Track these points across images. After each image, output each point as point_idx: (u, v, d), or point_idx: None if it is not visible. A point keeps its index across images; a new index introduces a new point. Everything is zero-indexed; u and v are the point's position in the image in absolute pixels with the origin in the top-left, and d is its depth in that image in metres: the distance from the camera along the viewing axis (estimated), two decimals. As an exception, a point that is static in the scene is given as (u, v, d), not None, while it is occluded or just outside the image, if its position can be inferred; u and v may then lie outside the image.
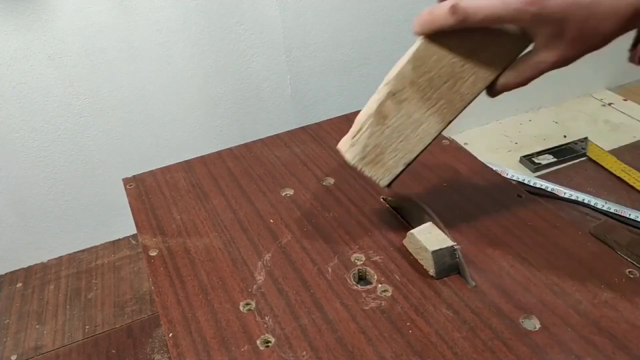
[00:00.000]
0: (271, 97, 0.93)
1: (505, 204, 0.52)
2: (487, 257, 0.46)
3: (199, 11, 0.81)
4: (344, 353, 0.39)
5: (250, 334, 0.41)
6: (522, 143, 1.09)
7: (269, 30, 0.87)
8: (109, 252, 0.91)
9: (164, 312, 0.43)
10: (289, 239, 0.50)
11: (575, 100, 1.23)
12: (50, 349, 0.74)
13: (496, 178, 0.56)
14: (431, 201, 0.53)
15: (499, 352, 0.37)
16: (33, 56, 0.75)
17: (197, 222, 0.53)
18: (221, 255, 0.49)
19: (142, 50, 0.80)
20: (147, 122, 0.86)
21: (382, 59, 0.99)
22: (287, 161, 0.62)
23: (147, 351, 0.72)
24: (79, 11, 0.74)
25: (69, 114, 0.80)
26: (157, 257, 0.49)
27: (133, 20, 0.78)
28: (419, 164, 0.58)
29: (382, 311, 0.42)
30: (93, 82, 0.80)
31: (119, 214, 0.91)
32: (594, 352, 0.37)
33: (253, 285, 0.45)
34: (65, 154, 0.83)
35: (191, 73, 0.86)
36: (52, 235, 0.89)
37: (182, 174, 0.61)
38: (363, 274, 0.46)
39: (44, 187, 0.84)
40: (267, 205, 0.54)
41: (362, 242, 0.48)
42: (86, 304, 0.81)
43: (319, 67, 0.94)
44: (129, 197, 0.58)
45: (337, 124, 0.68)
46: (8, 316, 0.80)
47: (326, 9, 0.90)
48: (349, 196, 0.55)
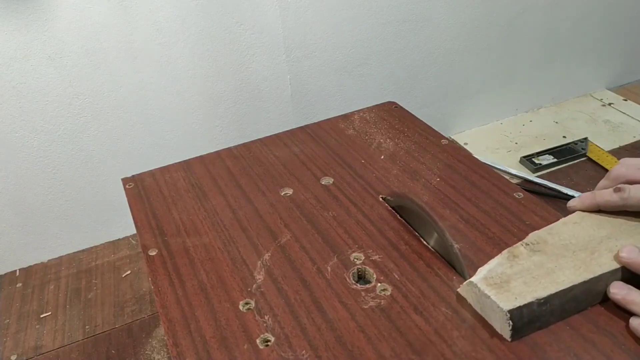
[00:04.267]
0: (271, 97, 0.94)
1: (505, 204, 0.52)
2: (487, 257, 0.46)
3: (199, 11, 0.81)
4: (344, 352, 0.39)
5: (249, 333, 0.41)
6: (522, 143, 1.09)
7: (269, 30, 0.87)
8: (108, 252, 0.91)
9: (163, 312, 0.43)
10: (288, 238, 0.50)
11: (575, 100, 1.23)
12: (50, 349, 0.74)
13: (496, 178, 0.56)
14: (431, 201, 0.53)
15: (498, 351, 0.37)
16: (33, 56, 0.75)
17: (196, 222, 0.53)
18: (220, 254, 0.49)
19: (142, 50, 0.81)
20: (146, 122, 0.86)
21: (382, 59, 0.99)
22: (286, 161, 0.62)
23: (147, 351, 0.72)
24: (79, 11, 0.74)
25: (69, 114, 0.80)
26: (156, 257, 0.49)
27: (133, 20, 0.78)
28: (418, 164, 0.58)
29: (381, 310, 0.42)
30: (93, 82, 0.80)
31: (119, 214, 0.91)
32: (593, 351, 0.37)
33: (252, 285, 0.45)
34: (65, 154, 0.83)
35: (191, 73, 0.86)
36: (52, 235, 0.89)
37: (181, 174, 0.61)
38: (362, 273, 0.46)
39: (44, 187, 0.84)
40: (267, 204, 0.54)
41: (361, 242, 0.49)
42: (86, 304, 0.81)
43: (319, 67, 0.94)
44: (128, 197, 0.58)
45: (337, 124, 0.68)
46: (8, 316, 0.80)
47: (326, 9, 0.90)
48: (348, 196, 0.55)
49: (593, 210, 0.45)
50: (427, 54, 1.03)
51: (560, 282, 0.39)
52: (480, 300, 0.40)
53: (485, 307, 0.39)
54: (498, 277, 0.40)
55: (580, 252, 0.42)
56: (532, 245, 0.43)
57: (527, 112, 1.20)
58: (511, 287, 0.39)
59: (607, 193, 0.44)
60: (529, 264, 0.41)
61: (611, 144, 1.05)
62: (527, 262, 0.41)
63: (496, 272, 0.40)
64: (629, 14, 1.17)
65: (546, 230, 0.44)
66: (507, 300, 0.38)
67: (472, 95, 1.12)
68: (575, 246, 0.42)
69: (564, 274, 0.40)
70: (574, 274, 0.40)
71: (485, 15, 1.04)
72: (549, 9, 1.09)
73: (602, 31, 1.17)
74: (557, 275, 0.40)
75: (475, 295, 0.40)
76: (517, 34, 1.09)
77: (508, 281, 0.39)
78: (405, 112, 0.70)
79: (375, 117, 0.69)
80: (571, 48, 1.16)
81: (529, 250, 0.42)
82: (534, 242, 0.43)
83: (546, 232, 0.44)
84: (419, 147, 0.62)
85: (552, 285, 0.39)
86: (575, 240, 0.43)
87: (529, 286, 0.39)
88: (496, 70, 1.11)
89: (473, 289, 0.40)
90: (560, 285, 0.39)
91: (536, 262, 0.41)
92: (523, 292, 0.38)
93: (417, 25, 0.99)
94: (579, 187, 0.93)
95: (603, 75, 1.24)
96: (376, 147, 0.63)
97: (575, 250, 0.42)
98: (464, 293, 0.42)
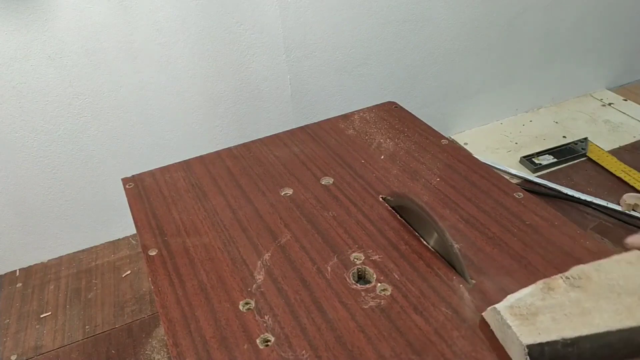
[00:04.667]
0: (271, 97, 0.94)
1: (505, 204, 0.52)
2: (487, 256, 0.46)
3: (199, 11, 0.81)
4: (344, 352, 0.39)
5: (249, 333, 0.41)
6: (522, 143, 1.09)
7: (269, 30, 0.87)
8: (108, 252, 0.91)
9: (163, 312, 0.43)
10: (288, 238, 0.50)
11: (575, 100, 1.23)
12: (50, 349, 0.74)
13: (496, 178, 0.56)
14: (431, 201, 0.53)
15: (498, 351, 0.37)
16: (33, 56, 0.75)
17: (196, 222, 0.53)
18: (220, 254, 0.49)
19: (142, 50, 0.81)
20: (146, 122, 0.86)
21: (382, 59, 0.99)
22: (286, 161, 0.62)
23: (147, 351, 0.72)
24: (79, 11, 0.74)
25: (69, 114, 0.80)
26: (156, 257, 0.49)
27: (133, 20, 0.78)
28: (418, 164, 0.58)
29: (381, 310, 0.42)
30: (93, 82, 0.80)
31: (119, 214, 0.91)
32: None
33: (252, 285, 0.45)
34: (65, 154, 0.83)
35: (191, 73, 0.86)
36: (52, 235, 0.89)
37: (181, 174, 0.61)
38: (362, 273, 0.46)
39: (44, 187, 0.84)
40: (267, 204, 0.54)
41: (361, 242, 0.48)
42: (86, 304, 0.81)
43: (319, 67, 0.94)
44: (128, 197, 0.58)
45: (337, 124, 0.68)
46: (8, 316, 0.80)
47: (326, 9, 0.90)
48: (348, 196, 0.55)
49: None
50: (427, 54, 1.03)
51: (594, 324, 0.35)
52: (502, 329, 0.37)
53: (506, 337, 0.37)
54: (526, 308, 0.37)
55: (627, 297, 0.37)
56: (573, 279, 0.39)
57: (527, 112, 1.20)
58: (537, 320, 0.36)
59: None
60: (564, 299, 0.37)
61: (611, 144, 1.05)
62: (562, 297, 0.37)
63: (525, 303, 0.37)
64: (629, 14, 1.17)
65: (594, 265, 0.40)
66: (529, 334, 0.35)
67: (472, 95, 1.12)
68: (622, 288, 0.38)
69: (602, 316, 0.36)
70: (613, 318, 0.35)
71: (485, 15, 1.04)
72: (549, 9, 1.09)
73: (602, 31, 1.17)
74: (593, 316, 0.36)
75: (497, 323, 0.38)
76: (517, 34, 1.09)
77: (536, 314, 0.36)
78: (405, 112, 0.70)
79: (375, 117, 0.69)
80: (571, 48, 1.16)
81: (568, 284, 0.38)
82: (576, 277, 0.39)
83: (593, 267, 0.39)
84: (419, 147, 0.62)
85: (584, 327, 0.35)
86: (624, 282, 0.38)
87: (558, 323, 0.36)
88: (496, 70, 1.11)
89: (496, 316, 0.38)
90: (594, 328, 0.35)
91: (573, 298, 0.37)
92: (549, 329, 0.35)
93: (417, 25, 0.99)
94: (579, 187, 0.93)
95: (603, 75, 1.24)
96: (376, 147, 0.63)
97: (621, 293, 0.37)
98: (488, 318, 0.39)
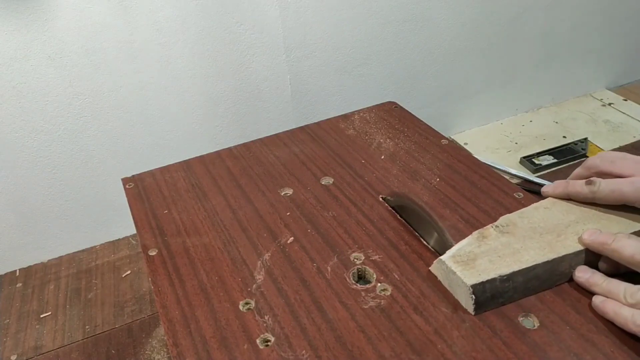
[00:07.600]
0: (271, 97, 0.94)
1: (505, 204, 0.52)
2: (487, 256, 0.46)
3: (199, 11, 0.81)
4: (344, 352, 0.39)
5: (249, 333, 0.41)
6: (522, 143, 1.09)
7: (269, 30, 0.88)
8: (108, 252, 0.91)
9: (163, 312, 0.43)
10: (288, 238, 0.50)
11: (575, 100, 1.23)
12: (50, 349, 0.74)
13: (496, 178, 0.56)
14: (431, 201, 0.53)
15: (498, 351, 0.37)
16: (33, 56, 0.75)
17: (196, 222, 0.53)
18: (220, 254, 0.49)
19: (142, 50, 0.81)
20: (146, 122, 0.86)
21: (382, 59, 0.99)
22: (286, 161, 0.62)
23: (147, 351, 0.72)
24: (79, 11, 0.74)
25: (69, 114, 0.80)
26: (156, 257, 0.49)
27: (133, 20, 0.78)
28: (418, 164, 0.58)
29: (381, 310, 0.42)
30: (93, 82, 0.80)
31: (119, 214, 0.91)
32: (593, 351, 0.37)
33: (252, 285, 0.45)
34: (65, 154, 0.83)
35: (191, 73, 0.86)
36: (52, 235, 0.89)
37: (181, 174, 0.61)
38: (362, 273, 0.46)
39: (44, 187, 0.84)
40: (267, 204, 0.54)
41: (361, 242, 0.48)
42: (86, 304, 0.81)
43: (319, 67, 0.95)
44: (128, 197, 0.58)
45: (337, 124, 0.68)
46: (8, 316, 0.80)
47: (326, 9, 0.90)
48: (348, 195, 0.55)
49: (564, 198, 0.47)
50: (427, 54, 1.03)
51: (523, 260, 0.41)
52: (448, 277, 0.42)
53: (452, 283, 0.42)
54: (465, 256, 0.42)
55: (547, 235, 0.43)
56: (502, 227, 0.44)
57: (527, 112, 1.20)
58: (477, 264, 0.41)
59: (579, 184, 0.45)
60: (497, 244, 0.43)
61: (611, 144, 1.05)
62: (494, 242, 0.43)
63: (464, 251, 0.42)
64: (629, 14, 1.17)
65: (517, 213, 0.46)
66: (471, 276, 0.40)
67: (472, 95, 1.12)
68: (543, 229, 0.44)
69: (529, 253, 0.42)
70: (538, 254, 0.41)
71: (485, 15, 1.04)
72: (549, 9, 1.09)
73: (602, 31, 1.17)
74: (522, 254, 0.42)
75: (443, 272, 0.42)
76: (517, 34, 1.09)
77: (474, 259, 0.42)
78: (405, 112, 0.70)
79: (375, 117, 0.69)
80: (571, 48, 1.16)
81: (498, 231, 0.44)
82: (504, 224, 0.45)
83: (517, 215, 0.46)
84: (419, 147, 0.62)
85: (516, 264, 0.41)
86: (544, 224, 0.44)
87: (494, 264, 0.41)
88: (496, 70, 1.11)
89: (442, 266, 0.42)
90: (524, 263, 0.41)
91: (503, 242, 0.43)
92: (487, 269, 0.40)
93: (417, 25, 0.99)
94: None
95: (603, 75, 1.24)
96: (376, 147, 0.63)
97: (542, 233, 0.43)
98: (435, 271, 0.44)
